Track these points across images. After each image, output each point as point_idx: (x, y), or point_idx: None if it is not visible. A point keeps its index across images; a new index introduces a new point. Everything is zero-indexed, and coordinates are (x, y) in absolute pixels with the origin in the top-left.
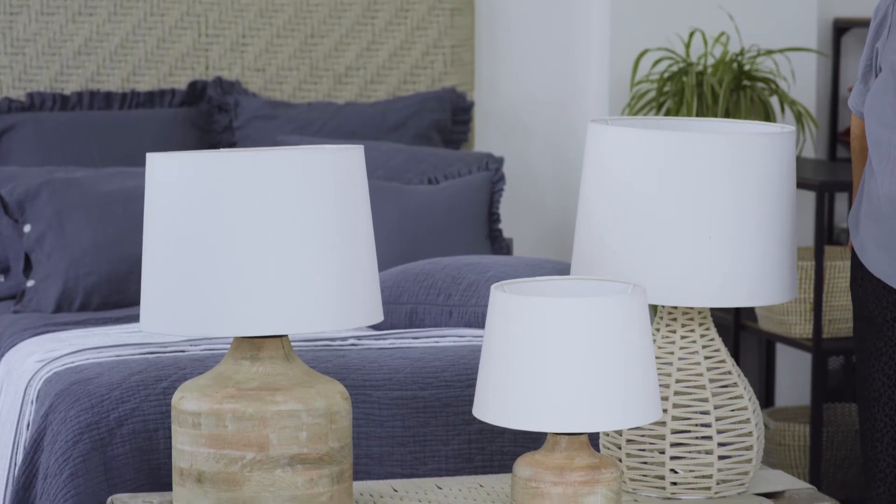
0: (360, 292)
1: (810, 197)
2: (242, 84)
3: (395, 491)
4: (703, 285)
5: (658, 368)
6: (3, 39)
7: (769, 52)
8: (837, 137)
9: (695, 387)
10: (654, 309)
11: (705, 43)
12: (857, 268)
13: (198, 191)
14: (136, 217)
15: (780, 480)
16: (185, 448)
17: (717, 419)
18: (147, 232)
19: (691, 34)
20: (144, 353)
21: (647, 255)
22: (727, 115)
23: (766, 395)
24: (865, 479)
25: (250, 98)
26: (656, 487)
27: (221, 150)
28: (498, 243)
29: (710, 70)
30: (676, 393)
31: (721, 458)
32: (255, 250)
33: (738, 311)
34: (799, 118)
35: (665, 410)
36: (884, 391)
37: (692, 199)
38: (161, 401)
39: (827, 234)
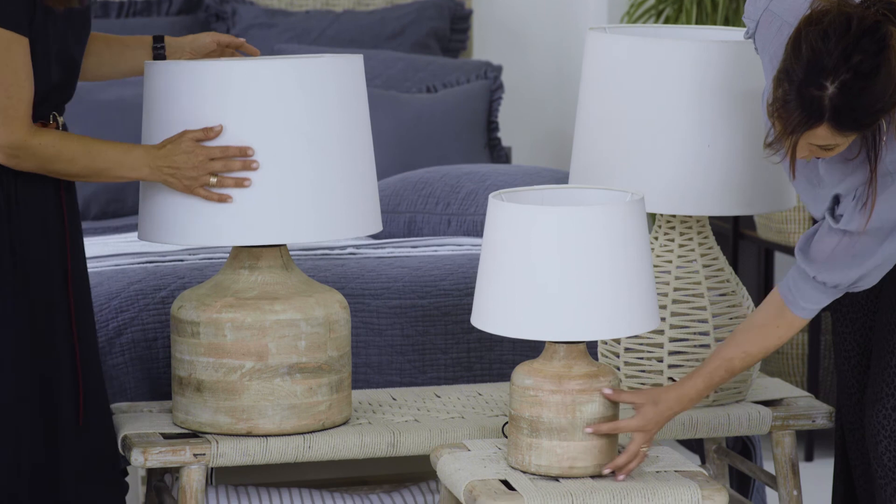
0: (358, 201)
1: None
2: None
3: (394, 399)
4: (701, 194)
5: (656, 277)
6: None
7: None
8: None
9: (693, 295)
10: (652, 217)
11: None
12: None
13: (195, 100)
14: (135, 126)
15: (778, 388)
16: (185, 357)
17: (715, 328)
18: (145, 141)
19: None
20: (143, 263)
21: (645, 163)
22: (726, 22)
23: None
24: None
25: (248, 6)
26: None
27: (219, 59)
28: (496, 152)
29: None
30: (674, 301)
31: None
32: None
33: (736, 220)
34: None
35: (663, 319)
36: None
37: (691, 108)
38: (160, 310)
39: None
